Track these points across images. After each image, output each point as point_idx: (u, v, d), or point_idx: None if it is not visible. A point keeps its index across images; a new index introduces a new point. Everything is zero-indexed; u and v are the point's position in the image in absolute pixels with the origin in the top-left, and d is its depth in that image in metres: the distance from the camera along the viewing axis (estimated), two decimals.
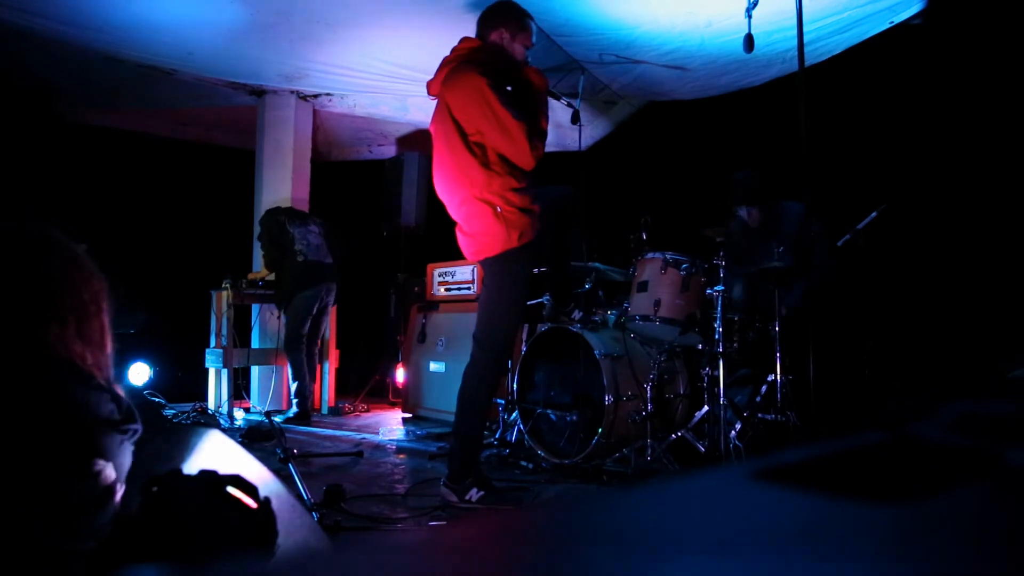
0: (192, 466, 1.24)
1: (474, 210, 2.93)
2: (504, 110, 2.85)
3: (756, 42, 3.38)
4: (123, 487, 1.08)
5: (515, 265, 2.96)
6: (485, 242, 2.95)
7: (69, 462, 1.00)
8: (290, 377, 5.18)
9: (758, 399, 3.43)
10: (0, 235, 1.11)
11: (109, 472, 1.03)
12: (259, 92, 5.80)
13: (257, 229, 5.87)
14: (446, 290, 5.17)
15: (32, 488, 0.96)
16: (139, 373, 5.23)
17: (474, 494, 2.93)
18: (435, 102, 3.12)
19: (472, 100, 2.89)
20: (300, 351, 5.13)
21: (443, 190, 3.07)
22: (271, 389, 5.56)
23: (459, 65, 3.01)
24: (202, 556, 0.98)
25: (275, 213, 5.31)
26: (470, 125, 2.90)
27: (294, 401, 5.11)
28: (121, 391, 1.13)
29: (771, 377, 3.35)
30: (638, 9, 4.01)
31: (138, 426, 1.11)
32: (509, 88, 3.02)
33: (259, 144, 5.93)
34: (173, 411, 5.07)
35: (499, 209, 2.90)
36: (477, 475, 2.97)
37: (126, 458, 1.09)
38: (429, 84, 3.13)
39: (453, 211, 3.06)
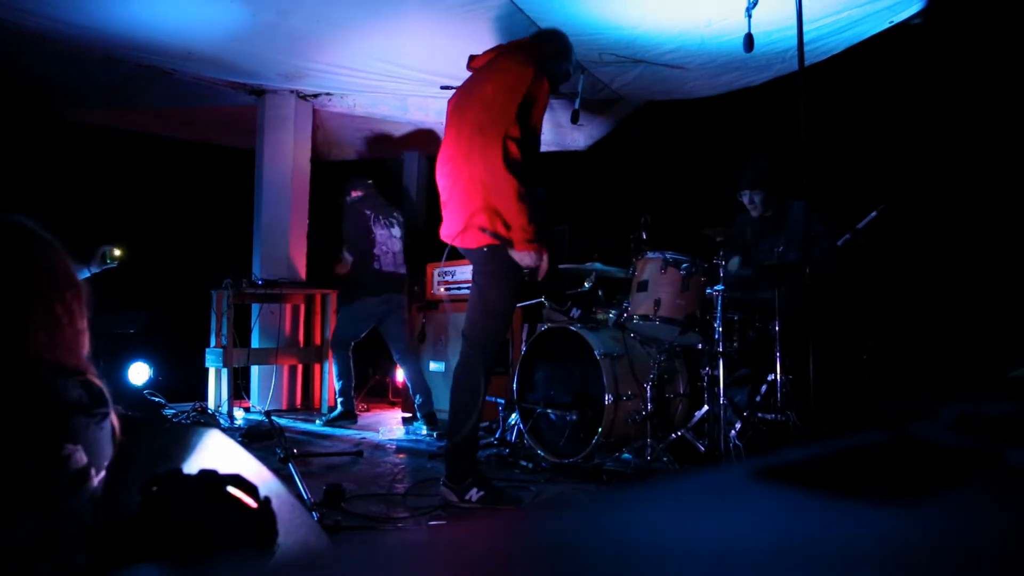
0: (192, 466, 1.24)
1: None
2: (509, 119, 2.84)
3: (756, 42, 3.38)
4: (101, 472, 1.08)
5: (506, 257, 2.95)
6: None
7: (35, 448, 1.00)
8: (335, 376, 5.11)
9: (758, 399, 3.43)
10: None
11: (80, 456, 1.04)
12: (259, 92, 5.80)
13: (257, 229, 5.87)
14: (446, 290, 5.17)
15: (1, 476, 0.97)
16: (139, 373, 5.23)
17: (474, 494, 2.92)
18: (456, 87, 3.15)
19: (509, 80, 2.90)
20: (347, 351, 5.04)
21: (445, 173, 3.05)
22: (271, 389, 5.55)
23: (514, 52, 3.04)
24: (202, 556, 0.98)
25: (359, 204, 5.07)
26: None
27: (339, 400, 5.05)
28: (95, 377, 1.12)
29: (771, 377, 3.35)
30: (638, 9, 4.00)
31: (107, 409, 1.11)
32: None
33: (259, 144, 5.93)
34: (173, 411, 5.07)
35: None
36: (477, 475, 2.97)
37: (100, 442, 1.08)
38: (473, 58, 3.16)
39: (450, 192, 3.04)
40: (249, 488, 1.06)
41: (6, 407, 1.00)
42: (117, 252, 3.43)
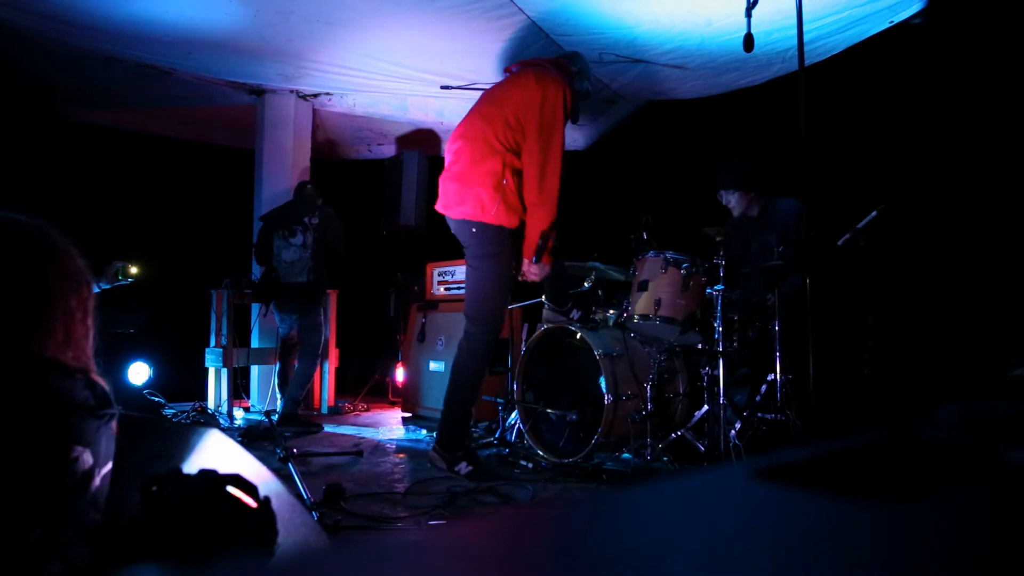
0: (192, 466, 1.24)
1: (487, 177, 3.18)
2: (558, 138, 3.14)
3: (756, 41, 3.37)
4: (103, 472, 1.08)
5: (493, 237, 3.21)
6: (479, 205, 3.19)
7: (46, 450, 1.00)
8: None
9: (758, 399, 3.43)
10: None
11: (87, 458, 1.04)
12: (259, 92, 5.80)
13: (256, 228, 5.87)
14: (446, 289, 5.17)
15: (9, 477, 0.97)
16: (139, 373, 5.23)
17: (463, 467, 3.20)
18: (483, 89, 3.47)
19: (536, 100, 3.15)
20: (283, 348, 5.11)
21: (461, 147, 3.28)
22: (271, 389, 5.55)
23: (549, 68, 3.31)
24: (202, 556, 0.98)
25: (265, 219, 5.06)
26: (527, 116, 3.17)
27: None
28: (98, 377, 1.12)
29: (771, 377, 3.35)
30: (638, 8, 4.00)
31: (114, 410, 1.11)
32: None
33: (259, 143, 5.93)
34: (173, 411, 5.07)
35: (505, 181, 3.15)
36: (467, 451, 3.26)
37: (105, 444, 1.08)
38: (508, 68, 3.47)
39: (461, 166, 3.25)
40: (249, 488, 1.06)
41: (18, 408, 1.00)
42: (133, 270, 3.34)
